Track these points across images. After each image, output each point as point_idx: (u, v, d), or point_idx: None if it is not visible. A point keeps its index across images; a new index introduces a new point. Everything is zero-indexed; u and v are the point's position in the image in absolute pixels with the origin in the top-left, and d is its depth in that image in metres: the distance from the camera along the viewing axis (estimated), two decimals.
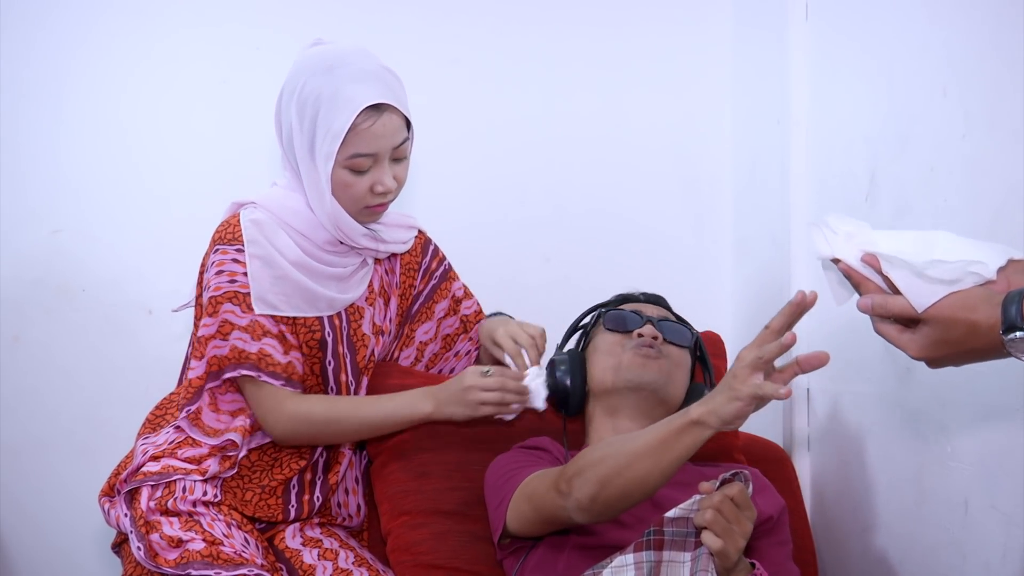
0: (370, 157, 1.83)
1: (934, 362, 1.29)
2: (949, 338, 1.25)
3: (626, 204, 2.62)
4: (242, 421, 1.90)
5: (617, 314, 1.94)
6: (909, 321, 1.28)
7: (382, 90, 1.82)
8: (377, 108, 1.81)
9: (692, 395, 1.89)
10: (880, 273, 1.31)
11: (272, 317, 1.86)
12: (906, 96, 1.89)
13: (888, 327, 1.30)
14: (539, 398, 1.87)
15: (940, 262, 1.26)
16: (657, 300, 2.03)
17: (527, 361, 1.90)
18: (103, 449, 2.24)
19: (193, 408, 1.89)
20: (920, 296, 1.26)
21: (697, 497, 1.55)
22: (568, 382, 1.89)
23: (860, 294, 1.33)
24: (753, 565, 1.58)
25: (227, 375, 1.84)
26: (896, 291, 1.29)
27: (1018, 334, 1.18)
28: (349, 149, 1.81)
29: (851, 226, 1.34)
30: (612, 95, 2.61)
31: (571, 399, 1.90)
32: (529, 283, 2.51)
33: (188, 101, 2.49)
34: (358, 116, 1.79)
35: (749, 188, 2.55)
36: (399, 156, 1.87)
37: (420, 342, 2.11)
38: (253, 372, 1.83)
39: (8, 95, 2.45)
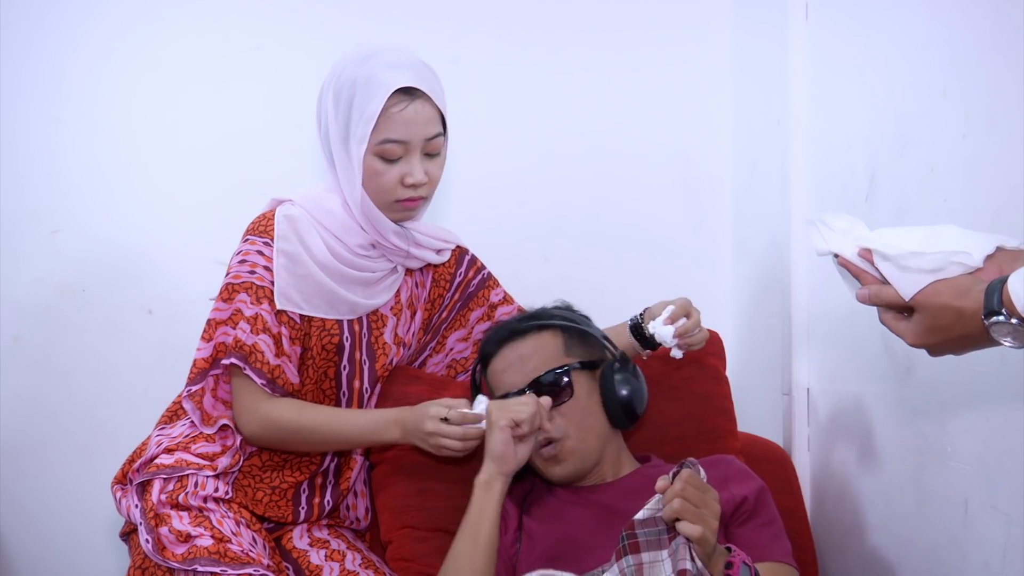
0: (401, 144, 1.83)
1: (932, 349, 1.33)
2: (938, 325, 1.29)
3: (626, 204, 2.62)
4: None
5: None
6: (906, 310, 1.33)
7: (415, 77, 1.83)
8: (409, 94, 1.82)
9: (605, 376, 1.85)
10: (875, 266, 1.36)
11: (277, 317, 1.86)
12: (906, 96, 1.89)
13: (888, 317, 1.35)
14: None
15: (919, 254, 1.30)
16: (509, 335, 1.89)
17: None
18: (103, 449, 2.24)
19: (195, 389, 1.89)
20: (905, 284, 1.31)
21: (658, 497, 1.56)
22: None
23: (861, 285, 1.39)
24: (729, 549, 1.59)
25: (223, 362, 1.85)
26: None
27: (999, 318, 1.22)
28: (380, 134, 1.82)
29: (846, 223, 1.40)
30: (612, 94, 2.61)
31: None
32: (529, 283, 2.50)
33: (188, 102, 2.49)
34: (389, 99, 1.80)
35: (749, 188, 2.55)
36: (432, 151, 1.87)
37: (450, 348, 2.11)
38: (241, 363, 1.83)
39: (7, 95, 2.45)
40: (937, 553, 1.78)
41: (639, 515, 1.58)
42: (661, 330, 1.90)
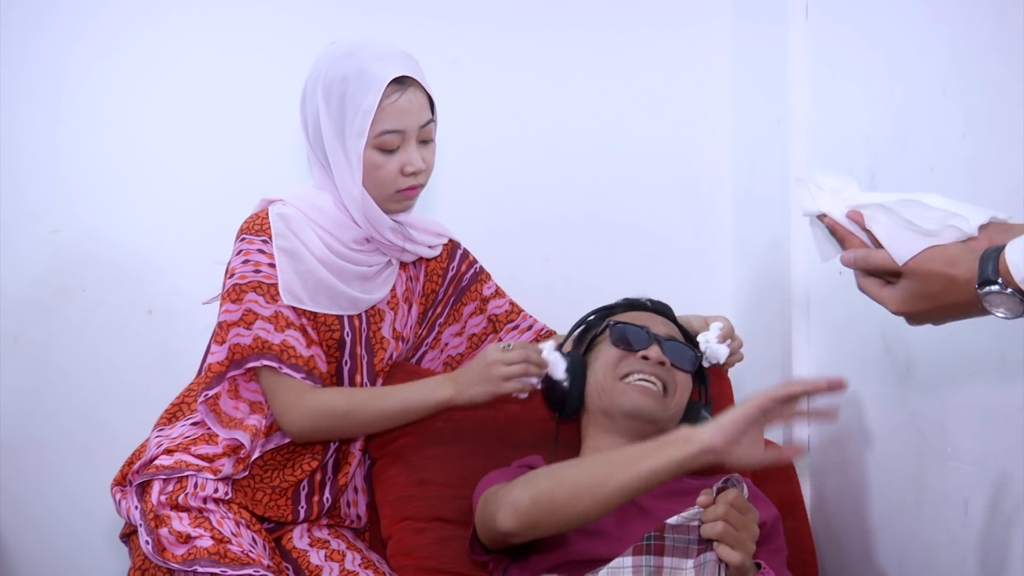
0: (398, 134, 1.84)
1: (914, 317, 1.30)
2: (928, 291, 1.26)
3: (626, 204, 2.62)
4: (256, 420, 1.89)
5: (624, 329, 1.88)
6: (890, 277, 1.30)
7: (405, 66, 1.85)
8: (402, 84, 1.84)
9: (689, 414, 1.88)
10: (864, 229, 1.32)
11: (295, 310, 1.86)
12: (906, 96, 1.89)
13: (870, 283, 1.32)
14: (559, 368, 1.87)
15: (923, 206, 1.28)
16: (664, 311, 1.98)
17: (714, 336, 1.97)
18: (103, 449, 2.24)
19: (212, 393, 1.88)
20: (900, 248, 1.28)
21: (697, 509, 1.55)
22: (566, 384, 1.87)
23: (845, 249, 1.35)
24: (759, 565, 1.58)
25: (250, 364, 1.84)
26: (879, 246, 1.31)
27: (992, 288, 1.20)
28: (377, 126, 1.83)
29: (837, 182, 1.36)
30: (612, 94, 2.61)
31: (567, 402, 1.88)
32: (529, 283, 2.50)
33: (188, 102, 2.49)
34: (384, 91, 1.81)
35: (749, 188, 2.55)
36: (425, 137, 1.89)
37: (445, 344, 2.11)
38: (275, 363, 1.83)
39: (8, 95, 2.45)
40: (937, 553, 1.78)
41: (672, 520, 1.56)
42: (717, 348, 1.96)
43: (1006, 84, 1.59)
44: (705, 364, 1.98)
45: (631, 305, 1.98)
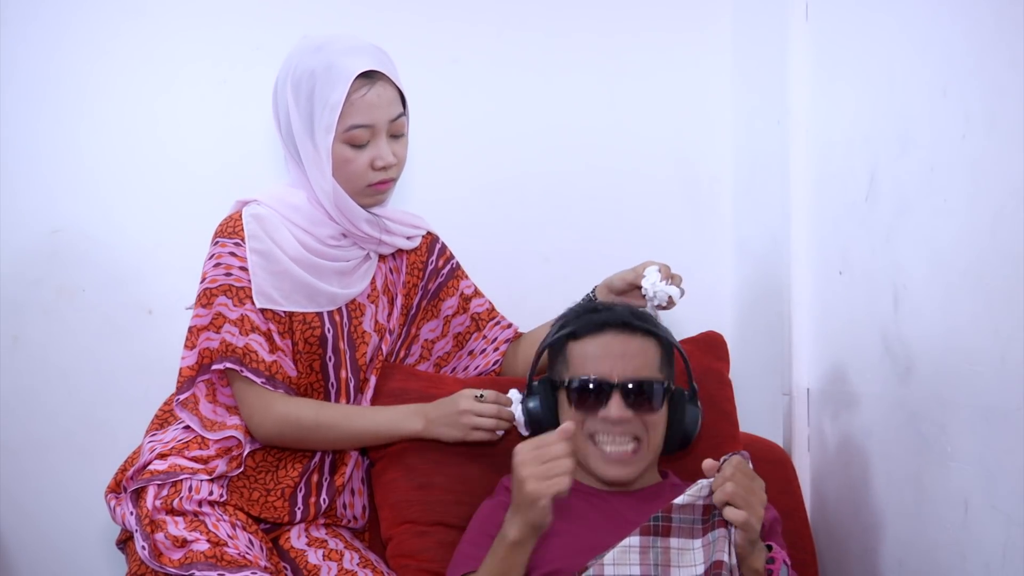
0: (367, 129, 1.86)
1: None
2: None
3: (626, 203, 2.62)
4: (240, 420, 1.90)
5: (580, 388, 1.77)
6: None
7: (373, 61, 1.86)
8: (370, 78, 1.85)
9: (675, 407, 1.84)
10: None
11: (263, 314, 1.87)
12: (906, 96, 1.89)
13: None
14: (523, 425, 1.87)
15: None
16: (626, 323, 1.81)
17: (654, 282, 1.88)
18: (103, 449, 2.24)
19: (183, 397, 1.89)
20: None
21: (703, 482, 1.56)
22: (542, 423, 1.82)
23: None
24: (770, 547, 1.59)
25: (214, 367, 1.85)
26: None
27: None
28: (346, 121, 1.84)
29: None
30: (612, 94, 2.61)
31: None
32: (529, 283, 2.51)
33: (188, 101, 2.49)
34: (351, 85, 1.82)
35: (749, 188, 2.55)
36: (396, 132, 1.90)
37: (426, 339, 2.11)
38: (236, 366, 1.84)
39: (7, 94, 2.45)
40: (937, 553, 1.78)
41: (679, 500, 1.57)
42: (668, 289, 1.88)
43: (1006, 84, 1.59)
44: (656, 304, 1.89)
45: (579, 330, 1.83)
